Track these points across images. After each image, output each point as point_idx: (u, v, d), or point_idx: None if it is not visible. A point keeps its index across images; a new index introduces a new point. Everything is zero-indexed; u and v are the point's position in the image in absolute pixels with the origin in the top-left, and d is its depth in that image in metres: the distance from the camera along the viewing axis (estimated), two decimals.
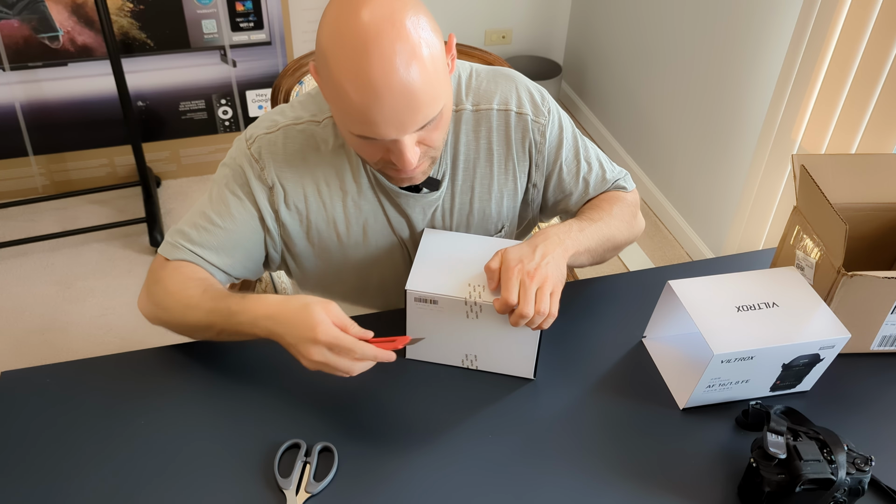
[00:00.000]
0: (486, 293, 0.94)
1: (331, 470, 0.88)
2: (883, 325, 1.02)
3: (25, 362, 2.08)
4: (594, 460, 0.91)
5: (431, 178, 1.05)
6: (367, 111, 0.84)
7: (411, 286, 0.95)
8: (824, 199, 0.99)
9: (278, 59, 2.73)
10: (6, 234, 2.55)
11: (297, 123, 1.02)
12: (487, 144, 1.07)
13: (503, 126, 1.07)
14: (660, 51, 2.61)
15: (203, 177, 2.88)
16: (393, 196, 1.05)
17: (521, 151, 1.09)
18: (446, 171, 1.07)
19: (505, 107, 1.06)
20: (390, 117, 0.84)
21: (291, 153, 1.01)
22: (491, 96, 1.06)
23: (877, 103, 1.69)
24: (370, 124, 0.85)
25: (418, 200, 1.06)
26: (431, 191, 1.06)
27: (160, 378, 0.99)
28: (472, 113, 1.06)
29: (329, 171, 1.03)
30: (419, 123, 0.87)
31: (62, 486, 0.86)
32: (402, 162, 0.90)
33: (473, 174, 1.08)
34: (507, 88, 1.07)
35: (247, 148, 1.01)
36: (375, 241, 1.08)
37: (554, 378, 1.01)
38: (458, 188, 1.08)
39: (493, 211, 1.11)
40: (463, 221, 1.11)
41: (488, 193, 1.10)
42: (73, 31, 2.45)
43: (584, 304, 1.13)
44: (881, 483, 0.89)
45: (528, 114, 1.07)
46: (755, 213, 2.12)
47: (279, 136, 1.01)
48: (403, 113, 0.84)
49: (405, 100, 0.83)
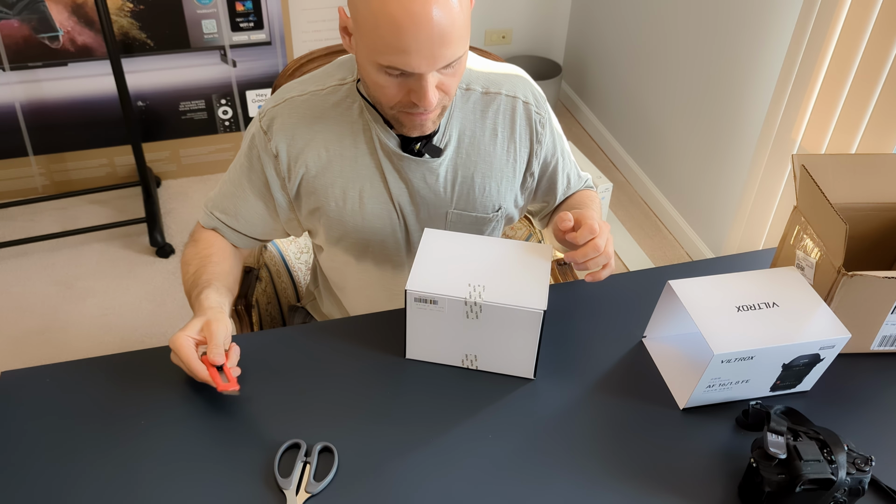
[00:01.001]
0: (486, 293, 0.94)
1: (331, 470, 0.88)
2: (883, 325, 1.02)
3: (25, 362, 2.08)
4: (594, 460, 0.91)
5: (434, 146, 1.09)
6: (404, 38, 0.89)
7: (411, 286, 0.95)
8: (824, 199, 0.99)
9: (278, 59, 2.73)
10: (6, 234, 2.55)
11: (301, 95, 1.10)
12: (493, 125, 1.13)
13: (510, 111, 1.13)
14: (660, 51, 2.61)
15: (203, 177, 2.88)
16: (395, 159, 1.09)
17: (523, 138, 1.15)
18: (450, 142, 1.11)
19: (513, 94, 1.13)
20: (424, 47, 0.90)
21: (294, 123, 1.09)
22: (501, 84, 1.14)
23: (877, 103, 1.69)
24: (404, 52, 0.90)
25: (420, 165, 1.10)
26: (432, 157, 1.09)
27: (160, 378, 0.99)
28: (481, 94, 1.12)
29: (330, 138, 1.09)
30: (447, 59, 0.93)
31: (62, 486, 0.86)
32: (423, 100, 0.95)
33: (478, 150, 1.13)
34: (515, 80, 1.15)
35: (259, 121, 1.11)
36: (371, 206, 1.12)
37: (554, 378, 1.01)
38: (462, 161, 1.12)
39: (494, 189, 1.15)
40: (464, 195, 1.14)
41: (490, 170, 1.14)
42: (73, 31, 2.45)
43: (584, 304, 1.13)
44: (881, 483, 0.89)
45: (532, 105, 1.14)
46: (755, 213, 2.12)
47: (284, 107, 1.09)
48: (435, 45, 0.90)
49: (439, 32, 0.89)
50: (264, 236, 1.20)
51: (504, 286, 0.95)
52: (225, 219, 1.15)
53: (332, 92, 1.09)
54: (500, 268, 0.99)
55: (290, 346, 1.04)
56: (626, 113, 2.90)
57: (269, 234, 1.20)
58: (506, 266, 0.99)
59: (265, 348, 1.03)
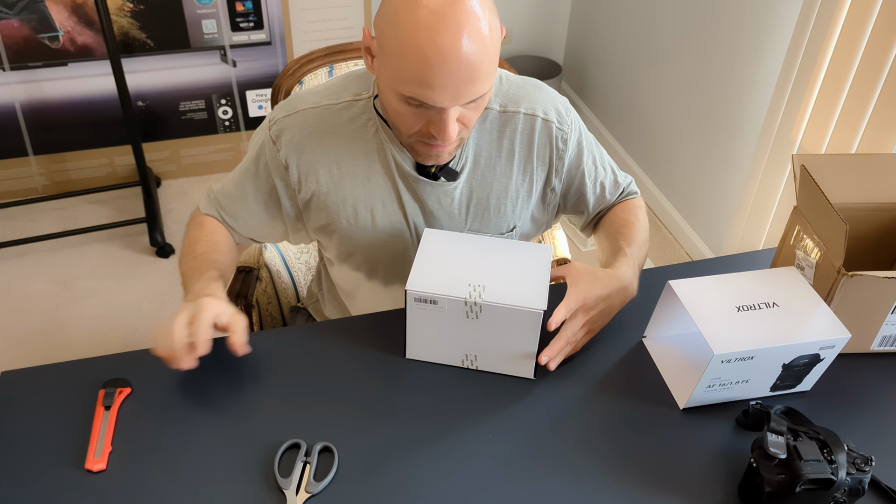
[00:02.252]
0: (486, 293, 0.94)
1: (331, 470, 0.88)
2: (883, 325, 1.02)
3: (25, 362, 2.08)
4: (594, 460, 0.91)
5: (451, 169, 1.08)
6: (429, 72, 0.88)
7: (411, 286, 0.95)
8: (824, 199, 0.99)
9: (278, 59, 2.73)
10: (6, 234, 2.55)
11: (314, 108, 1.08)
12: (510, 145, 1.10)
13: (528, 130, 1.10)
14: (660, 50, 2.61)
15: (203, 177, 2.88)
16: (411, 181, 1.08)
17: (542, 157, 1.12)
18: (466, 164, 1.09)
19: (532, 112, 1.10)
20: (449, 83, 0.89)
21: (306, 136, 1.07)
22: (519, 101, 1.10)
23: (877, 103, 1.69)
24: (428, 87, 0.89)
25: (435, 188, 1.09)
26: (449, 181, 1.08)
27: (160, 378, 0.99)
28: (498, 114, 1.09)
29: (342, 154, 1.07)
30: (472, 96, 0.91)
31: (62, 486, 0.86)
32: (443, 134, 0.94)
33: (493, 171, 1.11)
34: (535, 96, 1.11)
35: (268, 129, 1.09)
36: (384, 225, 1.11)
37: (554, 378, 1.01)
38: (477, 183, 1.11)
39: (509, 210, 1.13)
40: (479, 216, 1.13)
41: (505, 192, 1.12)
42: (73, 31, 2.45)
43: None
44: (881, 483, 0.89)
45: (554, 122, 1.11)
46: (755, 213, 2.12)
47: (296, 119, 1.07)
48: (461, 82, 0.89)
49: (467, 68, 0.88)
50: (261, 238, 1.19)
51: (504, 286, 0.95)
52: (225, 216, 1.15)
53: (346, 107, 1.07)
54: (500, 268, 0.98)
55: (290, 347, 1.04)
56: (626, 113, 2.90)
57: (265, 238, 1.19)
58: (506, 266, 0.99)
59: (265, 348, 1.03)
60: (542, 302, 0.93)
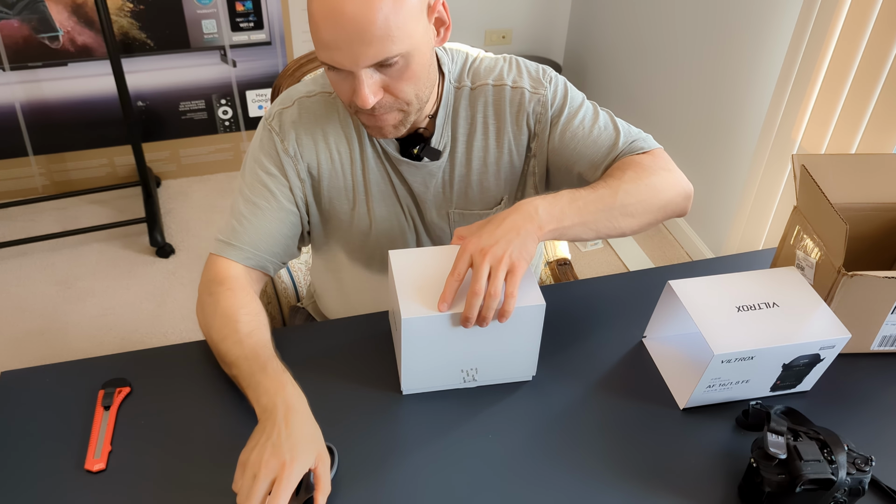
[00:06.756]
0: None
1: (331, 470, 0.88)
2: (883, 325, 1.02)
3: (25, 362, 2.08)
4: (594, 460, 0.91)
5: (432, 149, 1.09)
6: (324, 33, 0.89)
7: (407, 315, 0.89)
8: (824, 199, 0.99)
9: (278, 59, 2.73)
10: (6, 234, 2.55)
11: (310, 96, 1.09)
12: (483, 118, 1.11)
13: (497, 99, 1.10)
14: (660, 51, 2.61)
15: (203, 177, 2.88)
16: (395, 164, 1.10)
17: (515, 123, 1.11)
18: (447, 143, 1.10)
19: (500, 82, 1.10)
20: (342, 43, 0.88)
21: (306, 123, 1.08)
22: (488, 73, 1.11)
23: (877, 103, 1.69)
24: (327, 48, 0.90)
25: (419, 169, 1.10)
26: (431, 160, 1.09)
27: (160, 378, 0.99)
28: (469, 90, 1.10)
29: (340, 139, 1.09)
30: (373, 58, 0.89)
31: (62, 486, 0.86)
32: (360, 99, 0.92)
33: (471, 147, 1.11)
34: (504, 66, 1.11)
35: (268, 125, 1.08)
36: (379, 209, 1.12)
37: (554, 378, 1.01)
38: (458, 160, 1.11)
39: (492, 183, 1.14)
40: (462, 193, 1.14)
41: (485, 166, 1.12)
42: (73, 31, 2.45)
43: (584, 304, 1.13)
44: (881, 483, 0.89)
45: (525, 87, 1.09)
46: (755, 213, 2.12)
47: (294, 108, 1.08)
48: (354, 42, 0.88)
49: (357, 27, 0.87)
50: (286, 246, 1.11)
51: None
52: (245, 247, 1.05)
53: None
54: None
55: (290, 346, 1.04)
56: (625, 113, 2.90)
57: (290, 243, 1.11)
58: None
59: None
60: (540, 297, 0.93)
